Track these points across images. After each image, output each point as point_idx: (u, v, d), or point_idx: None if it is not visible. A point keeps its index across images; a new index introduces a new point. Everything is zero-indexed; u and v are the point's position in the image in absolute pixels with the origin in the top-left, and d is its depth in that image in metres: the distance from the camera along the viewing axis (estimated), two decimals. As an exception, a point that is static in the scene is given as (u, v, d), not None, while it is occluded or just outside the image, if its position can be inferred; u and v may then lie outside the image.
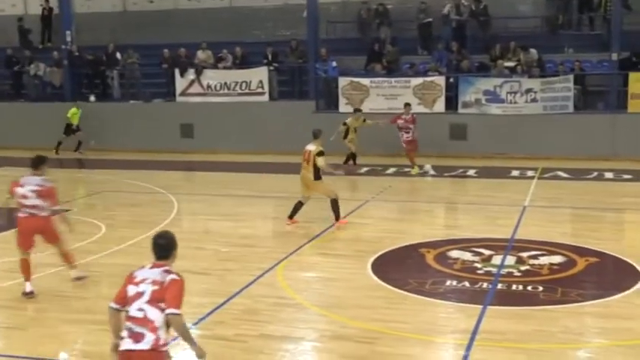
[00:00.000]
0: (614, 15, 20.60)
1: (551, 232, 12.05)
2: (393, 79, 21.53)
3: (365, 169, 18.96)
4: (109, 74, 24.67)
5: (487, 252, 10.68)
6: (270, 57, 22.98)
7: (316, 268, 10.37)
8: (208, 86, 23.08)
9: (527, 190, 15.81)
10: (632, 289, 9.05)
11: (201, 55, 23.60)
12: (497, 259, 10.34)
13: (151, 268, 5.24)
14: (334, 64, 22.30)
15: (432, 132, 20.05)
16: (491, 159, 19.70)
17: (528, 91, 20.43)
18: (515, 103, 20.45)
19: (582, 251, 10.72)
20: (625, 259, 10.31)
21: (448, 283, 9.39)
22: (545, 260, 10.26)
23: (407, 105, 18.72)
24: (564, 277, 9.62)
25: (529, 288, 9.13)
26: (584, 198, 15.22)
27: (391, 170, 18.70)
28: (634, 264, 10.00)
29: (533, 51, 21.35)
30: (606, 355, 7.37)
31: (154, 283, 5.12)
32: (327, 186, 12.67)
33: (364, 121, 19.24)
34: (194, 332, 7.83)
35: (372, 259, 10.44)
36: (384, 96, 21.29)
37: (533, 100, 20.35)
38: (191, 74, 23.21)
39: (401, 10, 24.20)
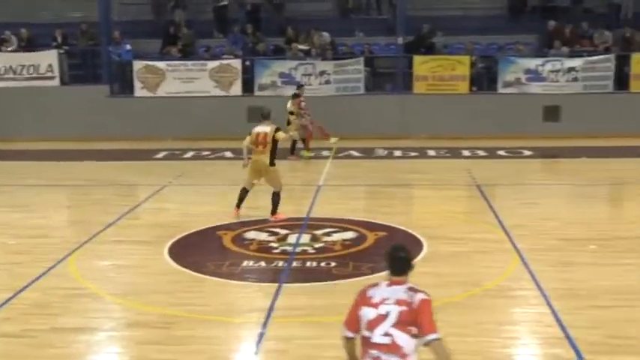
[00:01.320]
0: (399, 1, 21.66)
1: (344, 209, 12.54)
2: (189, 63, 21.38)
3: (163, 153, 18.72)
4: None
5: (283, 231, 10.95)
6: (59, 39, 22.00)
7: (111, 255, 10.12)
8: (-8, 70, 21.71)
9: (322, 169, 16.35)
10: (416, 259, 9.65)
11: (-19, 36, 22.13)
12: (292, 238, 10.63)
13: (390, 285, 4.62)
14: (128, 47, 21.73)
15: (229, 115, 20.21)
16: (288, 141, 20.07)
17: (322, 73, 21.09)
18: (309, 85, 20.98)
19: (372, 226, 11.25)
20: (410, 231, 10.95)
21: (245, 263, 9.53)
22: (337, 237, 10.67)
23: (301, 86, 18.63)
24: (356, 251, 10.05)
25: (322, 264, 9.47)
26: (375, 175, 15.99)
27: (190, 154, 18.61)
28: (418, 235, 10.67)
29: (325, 34, 22.03)
30: (393, 322, 7.81)
31: (398, 303, 4.50)
32: (278, 176, 11.89)
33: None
34: (-22, 331, 7.43)
35: (169, 244, 10.36)
36: (180, 79, 21.10)
37: (327, 82, 21.04)
38: (-29, 58, 21.71)
39: (195, -8, 24.09)
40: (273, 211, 11.79)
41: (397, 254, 4.76)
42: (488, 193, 13.72)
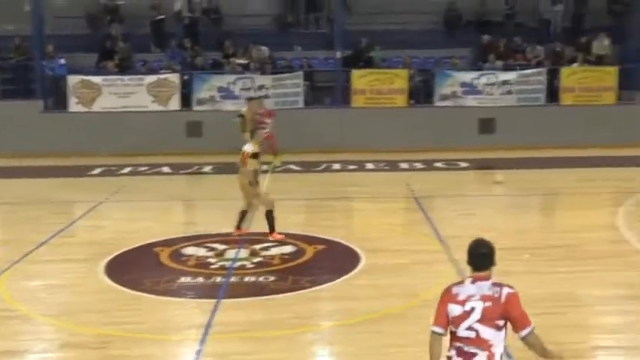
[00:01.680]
0: (337, 16, 21.83)
1: (284, 223, 12.40)
2: (126, 77, 21.07)
3: (98, 169, 18.39)
4: None
5: (221, 247, 10.88)
6: (-10, 54, 21.54)
7: (44, 275, 9.89)
8: None
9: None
10: (353, 272, 9.70)
11: None
12: (230, 253, 10.57)
13: (474, 282, 4.74)
14: (62, 61, 21.34)
15: (168, 130, 20.06)
16: (227, 155, 19.96)
17: (261, 87, 21.02)
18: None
19: (311, 240, 11.26)
20: (348, 244, 11.00)
21: (183, 279, 9.43)
22: (276, 251, 10.65)
23: (260, 98, 18.49)
24: (294, 265, 10.05)
25: (261, 279, 9.43)
26: (315, 189, 16.00)
27: (127, 170, 18.33)
28: (356, 248, 10.71)
29: (264, 48, 22.04)
30: (332, 335, 7.84)
31: (483, 299, 4.64)
32: (260, 194, 11.55)
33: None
34: None
35: (105, 262, 10.18)
36: (116, 94, 20.76)
37: (266, 97, 20.97)
38: None
39: (132, 6, 23.76)
40: (271, 230, 11.32)
41: (478, 250, 4.83)
42: (426, 205, 13.86)
